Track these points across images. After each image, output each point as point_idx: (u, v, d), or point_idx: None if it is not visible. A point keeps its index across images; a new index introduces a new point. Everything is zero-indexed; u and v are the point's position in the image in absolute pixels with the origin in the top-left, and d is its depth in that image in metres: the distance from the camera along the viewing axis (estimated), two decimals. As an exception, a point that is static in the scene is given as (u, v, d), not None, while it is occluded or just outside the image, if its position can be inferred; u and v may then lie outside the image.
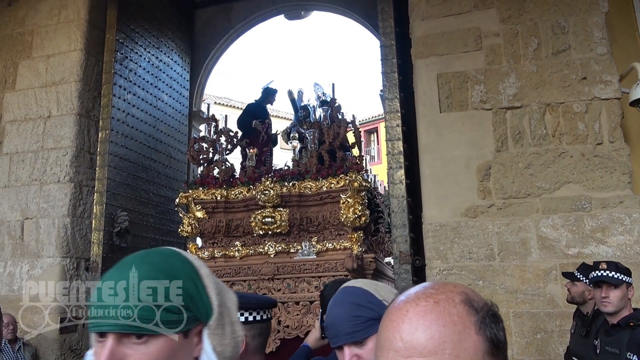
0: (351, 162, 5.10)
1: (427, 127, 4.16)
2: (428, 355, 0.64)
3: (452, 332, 0.64)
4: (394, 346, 0.66)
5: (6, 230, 5.17)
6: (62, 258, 4.94)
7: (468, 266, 3.84)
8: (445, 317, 0.66)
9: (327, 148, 5.27)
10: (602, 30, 3.95)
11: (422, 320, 0.66)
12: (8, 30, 5.74)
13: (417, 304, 0.68)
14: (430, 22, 4.33)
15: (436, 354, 0.64)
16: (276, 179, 5.15)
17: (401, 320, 0.67)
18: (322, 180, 5.03)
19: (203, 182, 5.45)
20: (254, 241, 5.25)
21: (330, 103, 5.91)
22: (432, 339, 0.64)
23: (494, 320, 0.68)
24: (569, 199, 3.76)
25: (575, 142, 3.84)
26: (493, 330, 0.67)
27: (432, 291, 0.70)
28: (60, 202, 5.06)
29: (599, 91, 3.86)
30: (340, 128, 5.31)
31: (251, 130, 6.15)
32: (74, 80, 5.34)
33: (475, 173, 3.98)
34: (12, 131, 5.42)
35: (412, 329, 0.66)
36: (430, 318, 0.66)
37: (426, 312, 0.66)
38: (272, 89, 6.65)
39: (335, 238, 4.96)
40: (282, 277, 4.85)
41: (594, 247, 3.64)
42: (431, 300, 0.68)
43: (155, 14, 6.52)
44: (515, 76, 4.04)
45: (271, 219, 5.06)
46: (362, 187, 4.78)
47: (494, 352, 0.66)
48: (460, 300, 0.68)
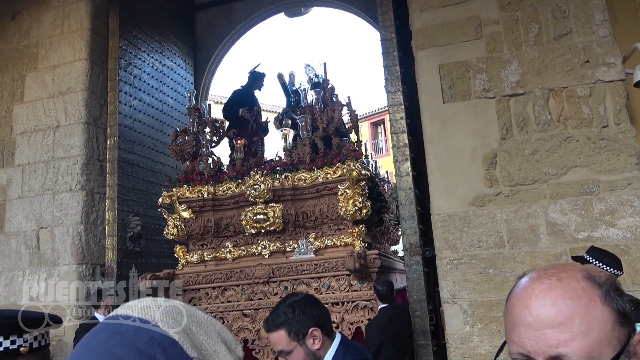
0: (348, 149, 4.66)
1: (431, 118, 4.17)
2: (558, 326, 0.69)
3: (579, 304, 0.69)
4: (525, 321, 0.72)
5: (22, 240, 5.28)
6: (77, 265, 5.04)
7: (478, 255, 3.86)
8: (570, 291, 0.70)
9: (321, 135, 4.77)
10: (603, 12, 3.92)
11: (549, 295, 0.71)
12: (13, 43, 5.83)
13: (541, 282, 0.73)
14: (429, 13, 4.33)
15: (566, 325, 0.68)
16: (267, 171, 4.73)
17: (529, 298, 0.73)
18: (317, 171, 4.61)
19: (187, 178, 5.00)
20: (246, 241, 4.86)
21: (322, 85, 5.33)
22: (561, 312, 0.69)
23: (617, 293, 0.72)
24: (577, 183, 3.76)
25: (580, 126, 3.83)
26: (619, 302, 0.71)
27: (554, 271, 0.75)
28: (73, 210, 5.16)
29: (603, 74, 3.84)
30: (334, 112, 4.80)
31: (238, 119, 5.64)
32: (80, 90, 5.42)
33: (481, 162, 3.98)
34: (23, 143, 5.52)
35: (540, 305, 0.71)
36: (556, 293, 0.71)
37: (551, 289, 0.72)
38: (260, 73, 6.12)
39: (334, 233, 4.59)
40: (278, 280, 4.47)
41: (604, 230, 3.64)
42: (554, 278, 0.73)
43: (156, 18, 6.57)
44: (517, 63, 4.03)
45: (263, 216, 4.63)
46: (361, 176, 4.40)
47: (622, 322, 0.70)
48: (582, 277, 0.72)
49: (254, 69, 6.15)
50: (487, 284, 3.79)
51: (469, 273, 3.84)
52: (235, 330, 4.55)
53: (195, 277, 4.73)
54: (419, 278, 4.14)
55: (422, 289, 4.12)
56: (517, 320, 0.72)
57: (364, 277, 4.26)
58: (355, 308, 4.26)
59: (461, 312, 3.81)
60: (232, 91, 6.07)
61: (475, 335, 3.75)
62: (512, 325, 0.74)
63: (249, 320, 4.55)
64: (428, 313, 4.10)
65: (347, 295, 4.30)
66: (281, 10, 7.78)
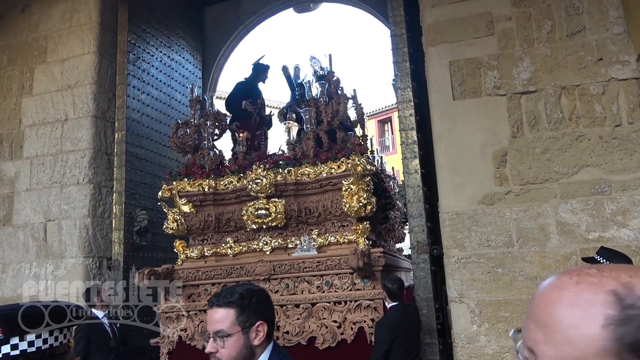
0: (353, 143, 4.53)
1: (441, 115, 4.13)
2: (539, 325, 0.65)
3: (574, 315, 0.62)
4: (529, 313, 0.69)
5: (30, 232, 5.30)
6: (84, 258, 5.05)
7: (486, 254, 3.82)
8: (573, 298, 0.64)
9: (325, 128, 4.66)
10: (617, 9, 3.86)
11: (553, 292, 0.66)
12: (23, 36, 5.84)
13: (561, 276, 0.68)
14: (440, 9, 4.28)
15: (547, 327, 0.64)
16: (269, 165, 4.60)
17: (541, 285, 0.70)
18: (321, 165, 4.50)
19: (188, 172, 4.88)
20: (247, 236, 4.76)
21: (327, 77, 5.16)
22: (552, 316, 0.64)
23: None
24: (588, 182, 3.71)
25: (592, 125, 3.78)
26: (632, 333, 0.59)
27: (593, 271, 0.67)
28: (80, 203, 5.17)
29: (616, 72, 3.78)
30: (339, 105, 4.67)
31: (241, 112, 5.47)
32: (88, 83, 5.42)
33: (491, 160, 3.94)
34: (32, 135, 5.53)
35: (540, 297, 0.67)
36: (558, 294, 0.65)
37: (561, 288, 0.66)
38: (264, 65, 5.95)
39: (338, 230, 4.49)
40: (280, 277, 4.37)
41: (615, 230, 3.59)
42: (575, 278, 0.66)
43: (165, 13, 6.56)
44: (529, 60, 3.98)
45: (265, 211, 4.51)
46: (366, 172, 4.28)
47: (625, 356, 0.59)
48: (608, 289, 0.62)
49: (258, 60, 5.99)
50: (496, 283, 3.75)
51: (477, 272, 3.80)
52: None
53: (194, 272, 4.62)
54: (426, 276, 4.11)
55: (429, 287, 4.09)
56: (528, 311, 0.71)
57: (368, 275, 4.13)
58: (358, 307, 4.14)
59: (468, 312, 3.77)
60: (235, 83, 5.91)
61: (483, 335, 3.72)
62: (526, 314, 0.72)
63: (249, 318, 4.45)
64: (435, 312, 4.07)
65: (350, 294, 4.18)
66: (290, 6, 7.75)
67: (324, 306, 4.21)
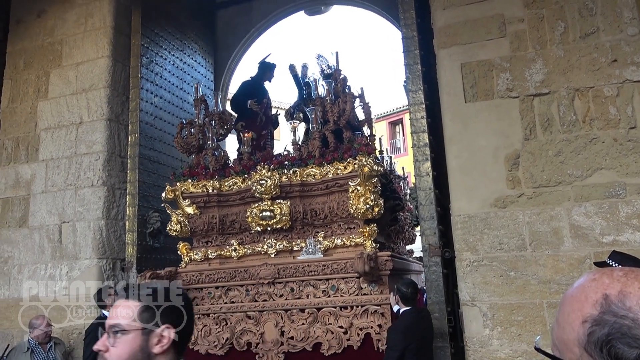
0: (360, 143, 4.41)
1: (453, 117, 4.12)
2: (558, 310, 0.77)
3: (572, 306, 0.73)
4: None
5: (45, 234, 5.38)
6: (98, 259, 5.11)
7: (499, 257, 3.79)
8: (581, 293, 0.72)
9: (331, 128, 4.55)
10: (632, 10, 3.81)
11: (576, 284, 0.75)
12: (39, 41, 5.94)
13: (591, 272, 0.75)
14: (452, 11, 4.27)
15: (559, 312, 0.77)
16: (274, 166, 4.51)
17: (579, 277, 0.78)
18: (327, 166, 4.39)
19: (192, 173, 4.79)
20: (252, 239, 4.66)
21: (333, 75, 5.04)
22: (562, 303, 0.75)
23: (606, 351, 0.65)
24: (602, 185, 3.67)
25: (606, 127, 3.74)
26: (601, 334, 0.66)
27: (616, 274, 0.72)
28: (94, 205, 5.23)
29: (631, 73, 3.74)
30: (345, 104, 4.54)
31: (247, 111, 5.41)
32: (102, 87, 5.50)
33: (504, 162, 3.91)
34: (47, 138, 5.62)
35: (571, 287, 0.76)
36: (576, 286, 0.75)
37: (582, 281, 0.74)
38: (270, 64, 5.86)
39: (344, 233, 4.37)
40: (284, 281, 4.26)
41: (630, 234, 3.54)
42: (597, 275, 0.73)
43: (177, 17, 6.63)
44: (541, 62, 3.95)
45: (270, 213, 4.40)
46: (373, 173, 4.17)
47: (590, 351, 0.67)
48: (604, 292, 0.69)
49: (264, 59, 5.91)
50: (508, 287, 3.72)
51: (489, 275, 3.78)
52: (238, 333, 4.38)
53: (198, 275, 4.55)
54: (438, 279, 4.09)
55: (441, 290, 4.07)
56: None
57: (375, 279, 4.04)
58: (365, 313, 4.04)
59: (480, 315, 3.75)
60: (241, 82, 5.84)
61: (495, 338, 3.69)
62: None
63: (253, 322, 4.35)
64: (446, 315, 4.04)
65: (356, 299, 4.08)
66: (301, 9, 7.78)
67: (329, 311, 4.14)
